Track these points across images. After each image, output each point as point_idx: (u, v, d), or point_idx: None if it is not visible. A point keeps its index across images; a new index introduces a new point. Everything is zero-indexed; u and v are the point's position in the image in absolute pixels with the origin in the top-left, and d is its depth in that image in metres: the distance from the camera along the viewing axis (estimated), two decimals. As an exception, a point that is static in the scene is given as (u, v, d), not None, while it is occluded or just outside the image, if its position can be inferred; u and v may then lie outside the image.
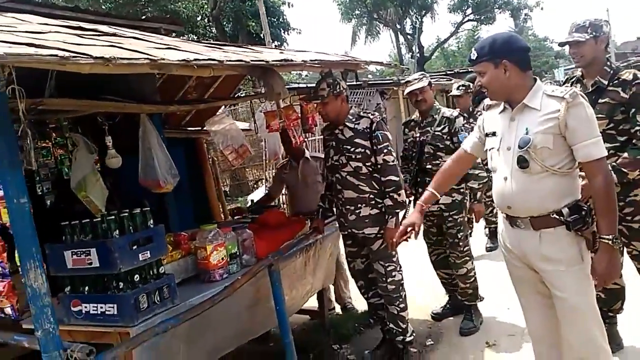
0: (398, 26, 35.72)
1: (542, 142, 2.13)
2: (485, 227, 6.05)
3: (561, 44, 3.02)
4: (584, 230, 2.16)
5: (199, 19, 18.45)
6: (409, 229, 2.56)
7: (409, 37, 35.94)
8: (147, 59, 1.77)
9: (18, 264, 2.12)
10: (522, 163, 2.17)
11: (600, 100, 2.84)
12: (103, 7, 15.93)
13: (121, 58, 1.63)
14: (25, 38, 1.86)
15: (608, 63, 2.87)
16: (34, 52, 1.45)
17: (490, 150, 2.37)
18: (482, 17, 35.43)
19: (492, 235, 5.72)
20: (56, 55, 1.46)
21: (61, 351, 2.00)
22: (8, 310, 2.27)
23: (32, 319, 2.00)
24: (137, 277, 2.42)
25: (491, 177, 3.98)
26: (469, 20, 36.75)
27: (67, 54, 1.50)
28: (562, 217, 2.16)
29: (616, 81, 2.81)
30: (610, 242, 2.11)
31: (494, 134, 2.35)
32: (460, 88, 5.15)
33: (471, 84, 5.40)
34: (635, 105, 2.74)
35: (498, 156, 2.31)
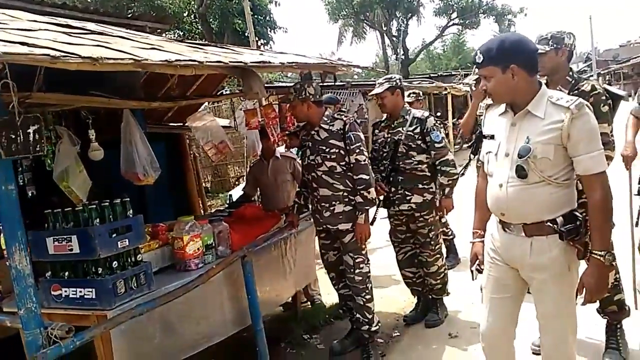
0: (384, 28, 36.05)
1: (543, 152, 2.07)
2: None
3: None
4: (577, 240, 2.12)
5: (185, 14, 18.47)
6: (477, 261, 2.48)
7: (394, 39, 36.30)
8: (132, 59, 1.92)
9: (3, 248, 2.24)
10: (521, 172, 2.10)
11: None
12: (89, 0, 15.87)
13: (107, 58, 1.78)
14: (17, 36, 1.99)
15: (570, 73, 3.04)
16: (28, 52, 1.59)
17: (487, 154, 2.30)
18: (466, 21, 35.92)
19: (449, 250, 5.46)
20: (48, 55, 1.60)
21: (42, 329, 2.13)
22: (-8, 291, 2.40)
23: (16, 299, 2.13)
24: (115, 264, 2.56)
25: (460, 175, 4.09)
26: (453, 24, 37.24)
27: (57, 53, 1.64)
28: (555, 226, 2.12)
29: (576, 91, 2.95)
30: (602, 258, 2.06)
31: (492, 137, 2.27)
32: (412, 95, 5.32)
33: (421, 92, 5.58)
34: None
35: (495, 161, 2.24)
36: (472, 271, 2.51)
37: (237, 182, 12.40)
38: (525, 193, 2.12)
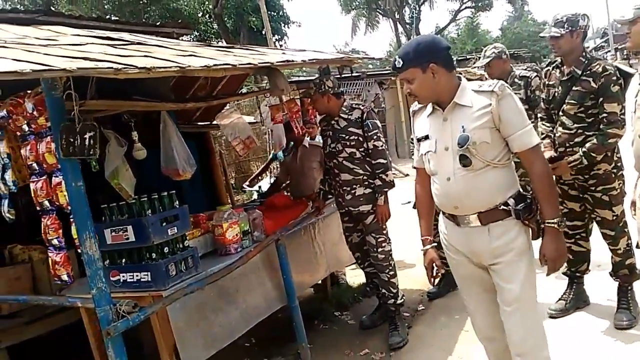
0: (397, 15, 36.02)
1: (480, 137, 2.13)
2: None
3: (541, 37, 3.41)
4: (531, 218, 2.19)
5: (200, 15, 18.85)
6: (434, 267, 2.45)
7: (407, 26, 36.25)
8: (177, 66, 2.22)
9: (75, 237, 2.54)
10: (464, 161, 2.16)
11: (574, 88, 3.21)
12: (105, 6, 16.33)
13: (158, 67, 2.07)
14: (74, 52, 2.31)
15: (584, 54, 3.21)
16: (94, 66, 1.89)
17: (426, 154, 2.33)
18: (479, 3, 35.70)
19: None
20: (111, 68, 1.90)
21: (111, 305, 2.47)
22: (64, 277, 2.72)
23: (88, 280, 2.46)
24: (166, 249, 2.86)
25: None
26: (466, 8, 37.04)
27: (119, 66, 1.94)
28: (509, 207, 2.17)
29: (588, 72, 3.16)
30: (556, 225, 2.14)
31: (426, 137, 2.32)
32: None
33: None
34: (602, 95, 3.09)
35: (436, 158, 2.27)
36: (432, 279, 2.50)
37: (259, 177, 12.71)
38: (474, 180, 2.17)
